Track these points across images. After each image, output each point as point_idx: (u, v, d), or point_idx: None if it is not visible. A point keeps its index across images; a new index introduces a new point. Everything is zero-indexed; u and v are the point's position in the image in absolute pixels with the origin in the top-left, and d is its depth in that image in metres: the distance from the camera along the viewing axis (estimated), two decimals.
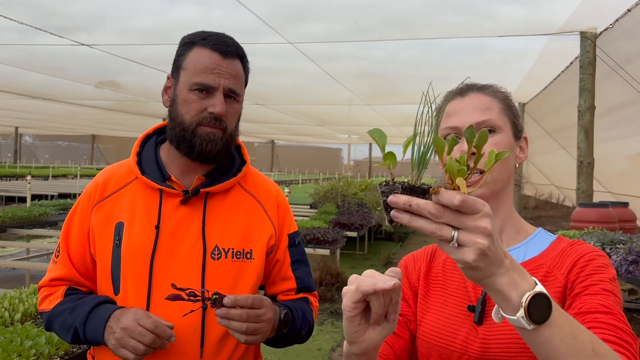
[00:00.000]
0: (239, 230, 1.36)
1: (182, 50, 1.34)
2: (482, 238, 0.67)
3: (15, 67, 10.80)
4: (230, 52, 1.31)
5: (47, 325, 1.36)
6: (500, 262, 0.70)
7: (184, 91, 1.30)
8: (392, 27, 7.88)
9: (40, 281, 1.42)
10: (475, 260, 0.67)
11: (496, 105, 1.07)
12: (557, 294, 0.96)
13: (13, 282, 6.83)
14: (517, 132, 1.09)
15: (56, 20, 7.96)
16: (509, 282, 0.70)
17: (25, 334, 2.26)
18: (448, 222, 0.67)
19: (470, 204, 0.67)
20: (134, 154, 1.40)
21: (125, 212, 1.34)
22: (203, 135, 1.29)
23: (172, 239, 1.31)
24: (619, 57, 6.33)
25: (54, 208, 7.90)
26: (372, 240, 11.49)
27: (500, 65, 9.22)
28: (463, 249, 0.67)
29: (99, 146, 41.52)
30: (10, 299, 2.83)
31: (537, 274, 1.00)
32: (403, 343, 1.09)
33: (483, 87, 1.11)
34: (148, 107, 16.42)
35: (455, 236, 0.67)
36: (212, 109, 1.28)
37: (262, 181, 1.48)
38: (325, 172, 36.61)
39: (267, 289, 1.46)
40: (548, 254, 1.04)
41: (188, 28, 1.38)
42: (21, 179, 22.01)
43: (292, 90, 12.08)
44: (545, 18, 6.67)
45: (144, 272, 1.28)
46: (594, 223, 5.47)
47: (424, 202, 0.67)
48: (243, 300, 1.16)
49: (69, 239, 1.38)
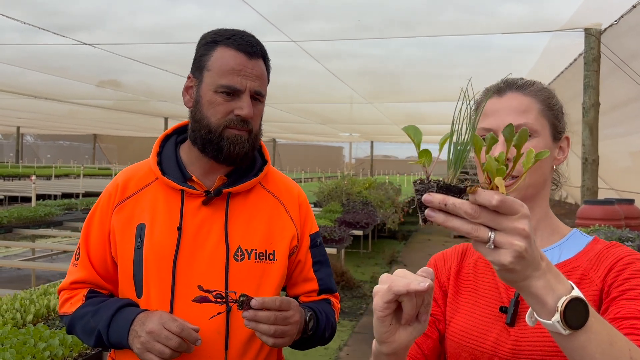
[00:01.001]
0: (262, 231, 1.35)
1: (205, 50, 1.31)
2: (520, 240, 0.66)
3: (17, 67, 10.80)
4: (255, 52, 1.29)
5: (69, 329, 1.35)
6: (537, 264, 0.69)
7: (209, 93, 1.28)
8: (394, 25, 7.86)
9: (60, 284, 1.41)
10: (512, 262, 0.66)
11: (535, 106, 1.03)
12: (593, 297, 0.94)
13: (18, 283, 6.83)
14: (556, 134, 1.05)
15: (58, 20, 7.96)
16: (545, 286, 0.69)
17: (38, 335, 2.25)
18: (485, 223, 0.66)
19: (508, 205, 0.66)
20: (154, 154, 1.39)
21: (147, 213, 1.33)
22: (230, 137, 1.28)
23: (195, 241, 1.30)
24: (623, 54, 6.32)
25: (58, 208, 7.93)
26: (376, 239, 11.49)
27: (503, 62, 9.20)
28: (499, 251, 0.66)
29: (100, 145, 41.49)
30: (21, 300, 2.83)
31: (572, 276, 0.98)
32: (431, 343, 1.08)
33: (523, 85, 1.06)
34: (149, 106, 16.41)
35: (492, 237, 0.66)
36: (240, 112, 1.26)
37: (283, 181, 1.47)
38: (327, 171, 36.58)
39: (289, 290, 1.46)
40: (584, 255, 1.02)
41: (190, 27, 1.37)
42: (24, 179, 22.02)
43: (294, 88, 12.07)
44: (549, 15, 6.65)
45: (166, 274, 1.27)
46: (599, 220, 5.46)
47: (460, 201, 0.66)
48: (271, 302, 1.15)
49: (89, 241, 1.37)
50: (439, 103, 12.82)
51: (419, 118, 17.04)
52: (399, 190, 13.89)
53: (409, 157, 51.75)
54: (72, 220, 7.90)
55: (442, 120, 16.95)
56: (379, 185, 12.13)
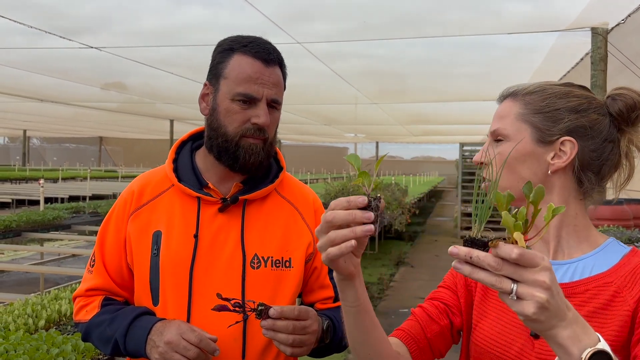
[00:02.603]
0: (278, 238, 1.35)
1: (221, 57, 1.31)
2: (541, 292, 0.69)
3: (23, 70, 10.85)
4: (272, 59, 1.29)
5: (85, 336, 1.35)
6: (563, 315, 0.71)
7: (225, 101, 1.28)
8: (399, 25, 7.85)
9: (75, 291, 1.41)
10: (535, 313, 0.69)
11: (513, 111, 1.02)
12: (624, 318, 0.91)
13: (27, 285, 6.87)
14: (544, 137, 1.00)
15: (63, 23, 7.99)
16: (571, 336, 0.71)
17: (50, 341, 2.26)
18: (507, 275, 0.70)
19: (528, 258, 0.69)
20: (170, 161, 1.39)
21: (163, 220, 1.33)
22: (246, 147, 1.28)
23: (211, 248, 1.30)
24: (631, 53, 6.29)
25: (66, 211, 7.96)
26: (383, 240, 11.48)
27: (508, 62, 9.17)
28: (522, 302, 0.69)
29: (106, 148, 41.64)
30: (33, 305, 2.84)
31: (604, 293, 0.94)
32: (437, 329, 1.08)
33: (516, 92, 1.05)
34: (155, 109, 16.45)
35: (514, 289, 0.69)
36: (257, 120, 1.26)
37: (299, 187, 1.47)
38: (332, 172, 36.55)
39: (305, 297, 1.46)
40: (619, 270, 0.96)
41: (195, 28, 1.37)
42: (31, 182, 22.12)
43: (299, 89, 12.06)
44: (555, 14, 6.63)
45: (183, 282, 1.28)
46: (608, 221, 5.44)
47: (484, 254, 0.70)
48: (289, 311, 1.15)
49: (104, 248, 1.37)
50: (445, 103, 12.80)
51: (424, 118, 17.02)
52: (406, 191, 13.87)
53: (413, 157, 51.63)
54: (80, 223, 7.93)
55: (447, 120, 16.94)
56: (385, 186, 12.12)
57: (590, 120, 1.01)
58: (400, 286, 7.90)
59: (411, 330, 1.09)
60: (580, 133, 1.00)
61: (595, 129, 1.01)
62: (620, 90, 1.03)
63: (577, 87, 1.05)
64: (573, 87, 1.05)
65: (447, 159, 22.50)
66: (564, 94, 1.02)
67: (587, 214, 1.04)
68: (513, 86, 1.08)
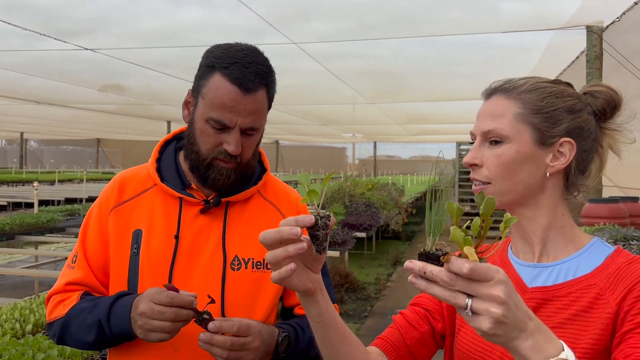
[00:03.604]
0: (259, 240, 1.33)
1: (203, 73, 1.26)
2: (496, 307, 0.67)
3: (20, 73, 10.84)
4: (251, 87, 1.22)
5: (61, 333, 1.27)
6: (523, 326, 0.70)
7: (201, 121, 1.25)
8: (395, 25, 7.84)
9: (50, 289, 1.34)
10: (491, 328, 0.67)
11: (512, 110, 0.97)
12: (606, 321, 0.88)
13: (22, 289, 6.84)
14: (544, 138, 0.96)
15: (60, 25, 7.97)
16: (533, 346, 0.70)
17: (37, 346, 2.24)
18: (462, 290, 0.68)
19: (480, 272, 0.67)
20: (153, 160, 1.37)
21: (144, 219, 1.31)
22: (217, 169, 1.26)
23: (192, 249, 1.29)
24: (626, 51, 6.27)
25: (61, 214, 7.92)
26: (380, 240, 11.46)
27: (505, 60, 9.17)
28: (478, 317, 0.68)
29: (104, 150, 41.62)
30: (21, 309, 2.81)
31: (586, 295, 0.92)
32: (417, 335, 1.06)
33: (509, 88, 0.99)
34: (152, 110, 16.45)
35: (469, 304, 0.68)
36: (227, 147, 1.23)
37: (282, 189, 1.45)
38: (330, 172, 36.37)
39: (285, 300, 1.43)
40: (602, 271, 0.93)
41: (192, 30, 1.34)
42: (27, 185, 22.08)
43: (296, 90, 12.05)
44: (550, 13, 6.62)
45: (162, 283, 1.25)
46: (604, 219, 5.41)
47: (437, 269, 0.68)
48: (228, 327, 1.14)
49: (86, 243, 1.34)
50: (441, 103, 12.79)
51: (421, 118, 17.02)
52: (402, 191, 13.86)
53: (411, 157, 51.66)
54: (75, 226, 7.90)
55: (443, 119, 16.94)
56: (382, 186, 12.10)
57: (583, 121, 0.98)
58: (397, 286, 7.89)
59: (391, 338, 1.06)
60: (577, 134, 0.98)
61: (587, 128, 0.99)
62: (596, 86, 1.02)
63: (566, 85, 1.02)
64: (563, 85, 1.01)
65: (446, 159, 22.44)
66: (559, 93, 0.99)
67: (570, 214, 1.02)
68: (499, 81, 1.03)
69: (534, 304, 0.96)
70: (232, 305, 1.28)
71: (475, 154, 1.00)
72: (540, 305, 0.95)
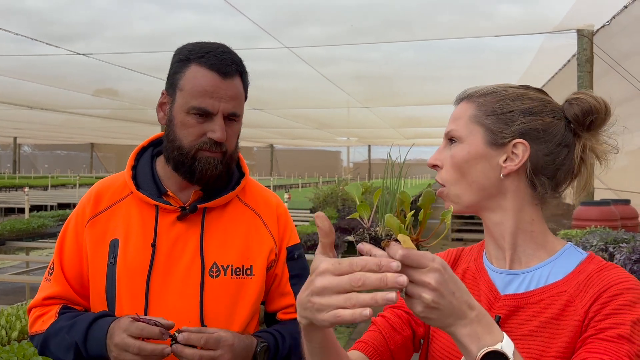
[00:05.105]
0: (238, 246, 1.31)
1: (178, 67, 1.27)
2: (427, 293, 0.70)
3: (13, 78, 10.80)
4: (229, 72, 1.24)
5: (42, 348, 1.30)
6: (461, 314, 0.73)
7: (181, 113, 1.24)
8: (389, 29, 7.86)
9: (30, 302, 1.35)
10: (423, 312, 0.72)
11: (468, 113, 0.99)
12: (574, 328, 0.88)
13: (13, 295, 6.79)
14: (496, 139, 0.96)
15: (53, 30, 7.94)
16: (470, 334, 0.73)
17: (22, 353, 2.22)
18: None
19: (413, 259, 0.70)
20: (129, 168, 1.35)
21: (120, 228, 1.29)
22: (203, 160, 1.24)
23: (169, 257, 1.27)
24: (616, 54, 6.31)
25: (53, 219, 7.87)
26: None
27: (498, 64, 9.20)
28: (412, 300, 0.72)
29: (98, 155, 41.52)
30: (7, 316, 2.79)
31: (556, 303, 0.91)
32: (400, 340, 1.05)
33: (473, 94, 1.02)
34: (146, 115, 16.39)
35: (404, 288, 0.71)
36: (212, 135, 1.22)
37: (262, 193, 1.43)
38: (325, 175, 36.53)
39: (268, 306, 1.41)
40: (573, 278, 0.93)
41: (185, 34, 1.34)
42: (20, 190, 21.95)
43: (290, 94, 12.06)
44: (541, 16, 6.66)
45: (140, 292, 1.24)
46: (595, 221, 5.43)
47: (381, 252, 0.72)
48: (196, 340, 1.14)
49: (62, 255, 1.33)
50: (435, 106, 12.82)
51: (415, 121, 17.07)
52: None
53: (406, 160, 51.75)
54: None
55: (437, 123, 16.96)
56: (375, 189, 12.09)
57: (544, 124, 0.97)
58: None
59: (374, 342, 1.04)
60: (533, 136, 0.96)
61: (549, 132, 0.97)
62: (578, 94, 1.00)
63: (534, 90, 1.02)
64: (529, 90, 1.01)
65: None
66: (518, 96, 0.99)
67: (544, 220, 1.01)
68: (470, 88, 1.05)
69: (506, 312, 0.95)
70: (211, 313, 1.26)
71: (438, 156, 1.03)
72: (513, 312, 0.95)
